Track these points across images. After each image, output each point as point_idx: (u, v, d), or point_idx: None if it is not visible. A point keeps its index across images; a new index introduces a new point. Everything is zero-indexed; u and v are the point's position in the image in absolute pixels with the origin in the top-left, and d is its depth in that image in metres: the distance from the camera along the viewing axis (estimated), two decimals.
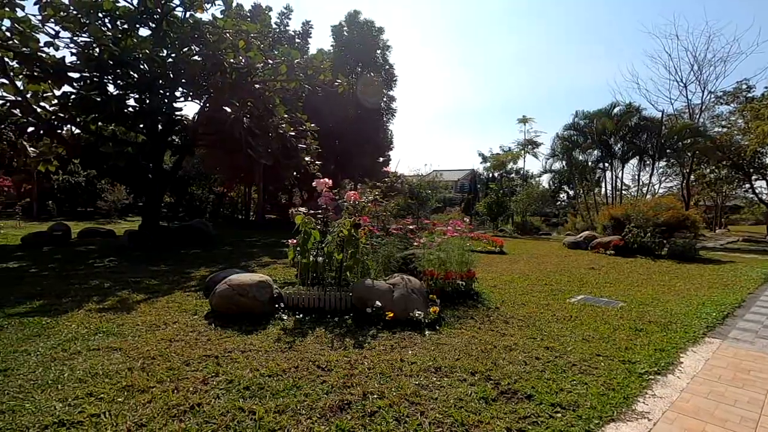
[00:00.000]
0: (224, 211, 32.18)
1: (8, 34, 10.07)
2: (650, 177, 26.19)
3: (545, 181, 38.65)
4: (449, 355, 4.14)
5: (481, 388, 3.38)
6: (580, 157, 27.37)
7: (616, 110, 25.29)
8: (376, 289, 5.38)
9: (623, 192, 27.37)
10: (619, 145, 25.42)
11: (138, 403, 3.00)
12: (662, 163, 27.87)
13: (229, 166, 25.01)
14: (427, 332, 4.84)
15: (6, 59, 10.65)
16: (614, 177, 26.67)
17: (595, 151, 26.52)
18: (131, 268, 8.86)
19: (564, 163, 28.46)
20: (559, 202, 41.41)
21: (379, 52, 27.62)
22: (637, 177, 27.23)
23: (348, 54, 26.70)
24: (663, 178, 31.82)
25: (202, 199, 31.96)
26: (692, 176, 26.93)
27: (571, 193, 40.64)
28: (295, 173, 16.63)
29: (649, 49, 55.38)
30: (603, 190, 29.88)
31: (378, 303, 5.16)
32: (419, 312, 5.12)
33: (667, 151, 24.12)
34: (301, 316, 5.33)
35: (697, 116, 25.92)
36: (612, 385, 3.55)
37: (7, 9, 9.84)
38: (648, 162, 25.20)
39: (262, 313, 5.25)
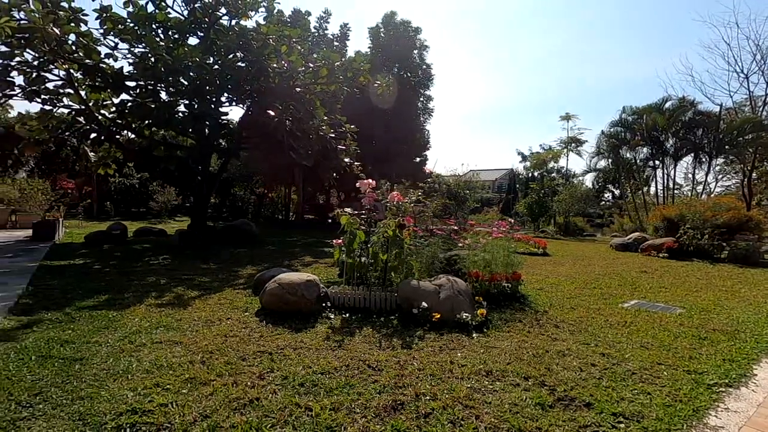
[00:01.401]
0: (265, 211, 33.16)
1: (74, 47, 10.83)
2: (706, 175, 24.61)
3: (589, 180, 37.22)
4: (500, 358, 4.06)
5: (536, 394, 3.29)
6: (628, 155, 26.15)
7: (667, 105, 23.97)
8: (422, 290, 5.37)
9: (675, 191, 25.91)
10: (671, 142, 24.08)
11: (201, 395, 3.14)
12: (720, 161, 26.15)
13: (270, 168, 25.75)
14: (474, 335, 4.77)
15: (71, 71, 11.46)
16: (665, 175, 25.30)
17: (645, 149, 25.26)
18: (183, 266, 9.30)
19: (610, 161, 27.28)
20: (603, 202, 39.75)
21: (416, 52, 27.56)
22: (691, 175, 25.68)
23: (385, 55, 26.81)
24: (720, 177, 29.84)
25: (245, 200, 33.10)
26: (754, 174, 25.09)
27: (617, 192, 38.87)
28: (334, 174, 16.89)
29: (704, 40, 51.95)
30: (653, 189, 28.41)
31: (424, 304, 5.14)
32: (466, 314, 5.06)
33: (726, 147, 22.59)
34: (347, 315, 5.40)
35: (761, 109, 24.12)
36: (678, 396, 3.36)
37: (72, 24, 10.59)
38: (704, 159, 23.71)
39: (310, 311, 5.36)
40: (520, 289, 6.70)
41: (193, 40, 13.54)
